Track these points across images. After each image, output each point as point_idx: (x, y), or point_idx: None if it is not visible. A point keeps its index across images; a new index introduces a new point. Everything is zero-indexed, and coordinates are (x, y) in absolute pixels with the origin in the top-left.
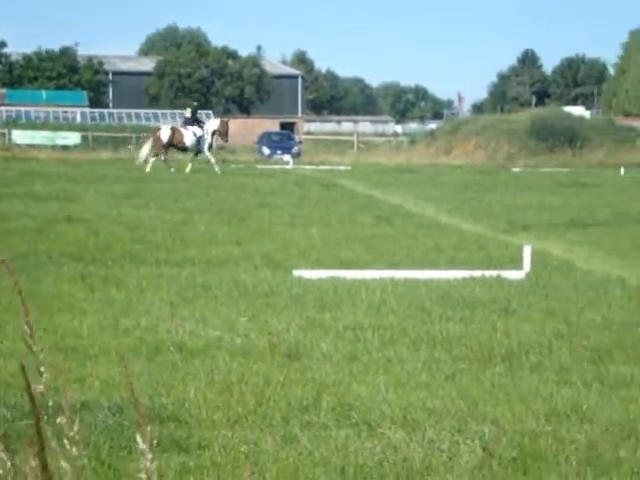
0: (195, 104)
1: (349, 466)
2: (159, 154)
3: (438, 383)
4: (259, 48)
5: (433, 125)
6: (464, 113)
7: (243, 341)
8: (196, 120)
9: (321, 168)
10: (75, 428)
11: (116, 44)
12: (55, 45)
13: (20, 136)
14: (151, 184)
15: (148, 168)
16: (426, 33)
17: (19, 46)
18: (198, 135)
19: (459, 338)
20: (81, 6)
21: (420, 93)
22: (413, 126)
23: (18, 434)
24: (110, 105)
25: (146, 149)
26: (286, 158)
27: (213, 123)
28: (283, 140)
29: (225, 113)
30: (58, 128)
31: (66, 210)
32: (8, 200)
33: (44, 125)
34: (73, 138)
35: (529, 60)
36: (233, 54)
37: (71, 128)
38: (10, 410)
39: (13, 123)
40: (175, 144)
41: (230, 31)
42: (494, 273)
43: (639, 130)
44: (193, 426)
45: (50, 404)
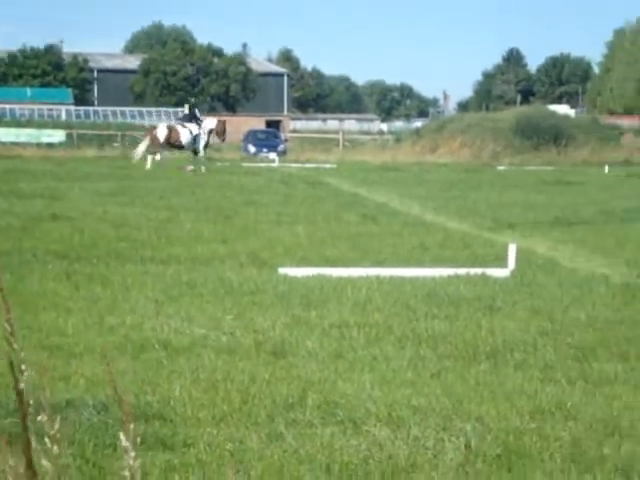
0: (193, 100)
1: (334, 463)
2: (156, 152)
3: (423, 381)
4: (245, 46)
5: (419, 123)
6: (449, 111)
7: (228, 339)
8: (194, 117)
9: (307, 166)
10: (56, 426)
11: (101, 42)
12: (40, 43)
13: (4, 134)
14: (136, 182)
15: (149, 165)
16: (411, 31)
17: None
18: (194, 133)
19: (444, 336)
20: (66, 3)
21: (405, 91)
22: (399, 124)
23: (1, 431)
24: (95, 103)
25: (142, 147)
26: (272, 156)
27: (210, 122)
28: (269, 138)
29: (210, 111)
30: (43, 126)
31: (51, 208)
32: None
33: (29, 123)
34: (58, 136)
35: (514, 58)
36: (219, 52)
37: (56, 126)
38: None
39: None
40: (172, 142)
41: (216, 29)
42: (479, 271)
43: (623, 128)
44: (178, 424)
45: (31, 402)
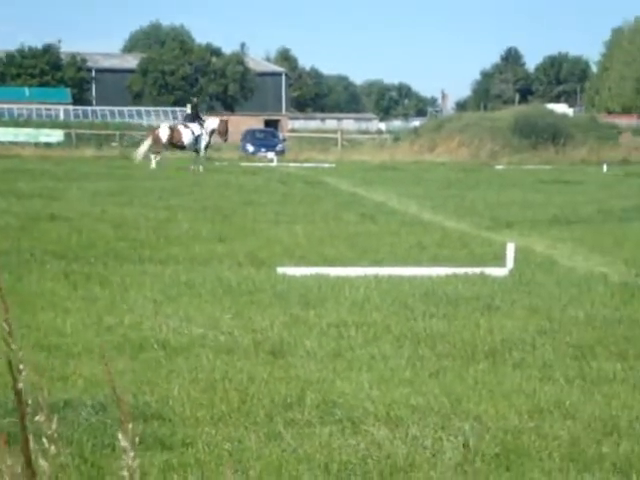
0: (195, 100)
1: (333, 463)
2: (159, 152)
3: (422, 380)
4: (243, 45)
5: (417, 123)
6: (448, 111)
7: (227, 339)
8: (197, 116)
9: (305, 166)
10: (53, 426)
11: (99, 41)
12: (38, 42)
13: (3, 133)
14: (135, 182)
15: (153, 164)
16: (410, 31)
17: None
18: (197, 134)
19: (442, 335)
20: (64, 3)
21: (404, 91)
22: (397, 124)
23: None
24: (93, 102)
25: (144, 147)
26: (270, 156)
27: (212, 122)
28: (267, 138)
29: (209, 110)
30: (41, 125)
31: (49, 208)
32: None
33: (27, 122)
34: (56, 135)
35: (512, 58)
36: (217, 51)
37: (54, 125)
38: None
39: None
40: (174, 143)
41: (214, 28)
42: (477, 270)
43: (621, 127)
44: (177, 424)
45: (29, 402)
